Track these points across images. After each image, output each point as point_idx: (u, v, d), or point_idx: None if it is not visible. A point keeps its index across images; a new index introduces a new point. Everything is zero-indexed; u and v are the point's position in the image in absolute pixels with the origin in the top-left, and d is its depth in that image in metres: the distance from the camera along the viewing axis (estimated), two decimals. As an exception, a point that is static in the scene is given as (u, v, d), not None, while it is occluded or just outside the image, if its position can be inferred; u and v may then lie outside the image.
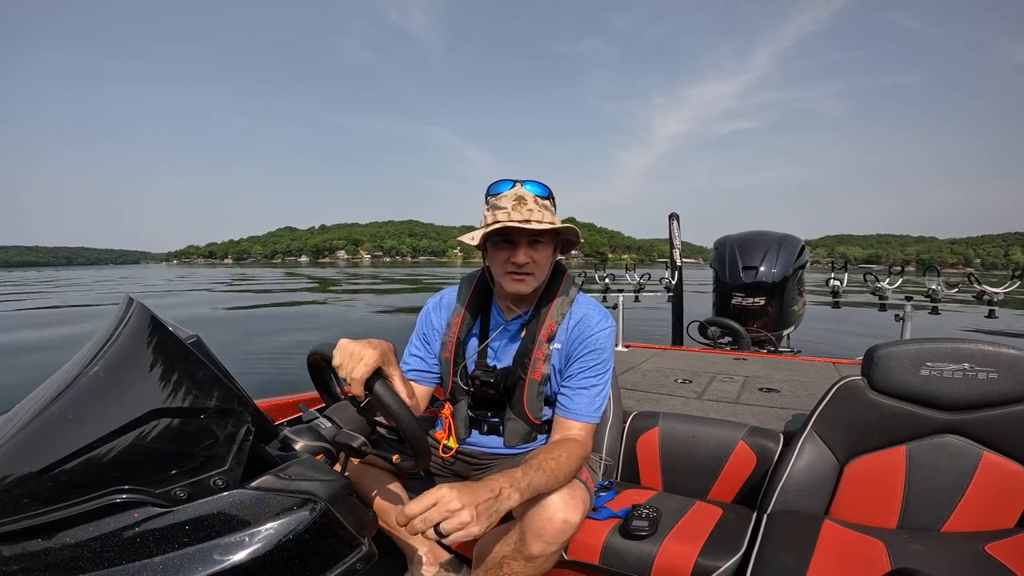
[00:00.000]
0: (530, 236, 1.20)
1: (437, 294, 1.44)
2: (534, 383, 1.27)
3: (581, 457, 1.17)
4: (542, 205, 1.20)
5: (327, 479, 0.75)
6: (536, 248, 1.21)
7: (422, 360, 1.39)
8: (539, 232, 1.18)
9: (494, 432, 1.35)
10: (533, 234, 1.19)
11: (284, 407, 1.64)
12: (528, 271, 1.21)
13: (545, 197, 1.22)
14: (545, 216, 1.19)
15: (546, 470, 1.05)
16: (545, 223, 1.17)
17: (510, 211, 1.18)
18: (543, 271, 1.24)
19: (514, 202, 1.18)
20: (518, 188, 1.21)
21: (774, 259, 4.16)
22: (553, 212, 1.24)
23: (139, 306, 0.81)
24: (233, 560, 0.62)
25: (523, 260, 1.19)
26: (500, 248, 1.22)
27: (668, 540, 1.21)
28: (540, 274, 1.24)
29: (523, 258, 1.19)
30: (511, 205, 1.18)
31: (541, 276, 1.24)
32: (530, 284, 1.23)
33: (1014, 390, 1.24)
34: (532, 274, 1.22)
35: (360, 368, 0.94)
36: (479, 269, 1.41)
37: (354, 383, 0.95)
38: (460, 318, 1.34)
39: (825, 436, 1.38)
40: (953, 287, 3.44)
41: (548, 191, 1.23)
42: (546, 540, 1.04)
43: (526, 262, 1.20)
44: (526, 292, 1.25)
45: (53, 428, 0.66)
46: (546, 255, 1.23)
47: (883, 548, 1.13)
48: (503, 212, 1.19)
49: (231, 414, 0.72)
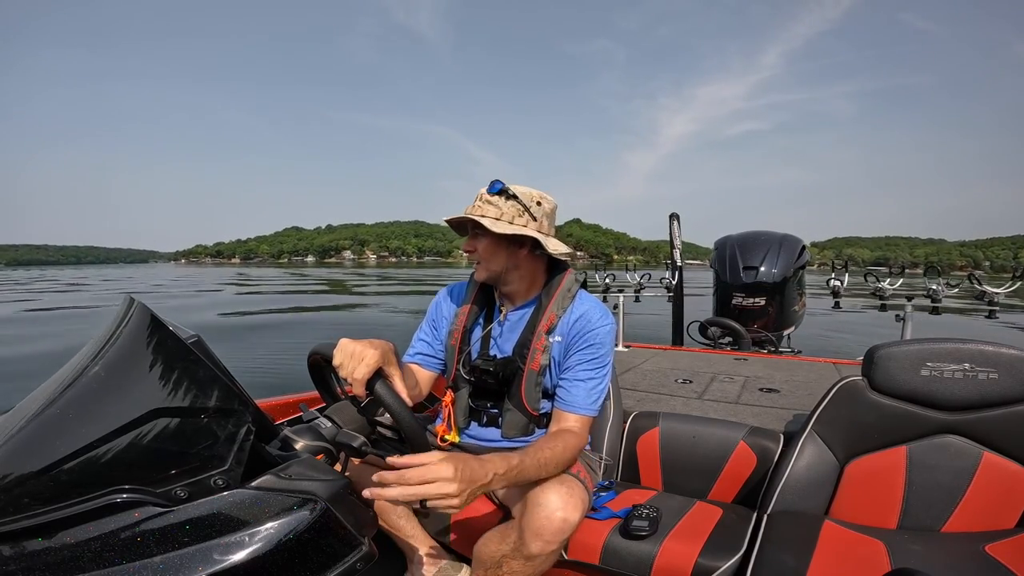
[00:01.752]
0: (472, 227, 1.30)
1: (448, 286, 1.51)
2: (532, 373, 1.29)
3: (576, 448, 1.18)
4: (486, 200, 1.27)
5: (327, 479, 0.75)
6: (476, 238, 1.29)
7: (429, 345, 1.44)
8: (476, 224, 1.27)
9: (492, 423, 1.36)
10: (474, 225, 1.28)
11: (284, 407, 1.64)
12: (474, 259, 1.31)
13: (495, 193, 1.27)
14: (487, 211, 1.25)
15: (538, 459, 1.07)
16: (475, 216, 1.25)
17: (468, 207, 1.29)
18: (491, 260, 1.30)
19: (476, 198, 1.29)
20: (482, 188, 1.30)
21: (774, 259, 4.16)
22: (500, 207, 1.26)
23: (139, 306, 0.81)
24: (233, 560, 0.62)
25: (466, 248, 1.31)
26: None
27: (668, 540, 1.21)
28: (489, 263, 1.30)
29: (466, 246, 1.31)
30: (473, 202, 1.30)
31: (492, 266, 1.30)
32: (480, 272, 1.31)
33: (1014, 390, 1.24)
34: (479, 262, 1.30)
35: (361, 368, 0.95)
36: None
37: (355, 383, 0.95)
38: (467, 308, 1.40)
39: (825, 436, 1.38)
40: (954, 287, 3.44)
41: (501, 188, 1.27)
42: (545, 539, 1.04)
43: (471, 250, 1.30)
44: (479, 279, 1.34)
45: (53, 428, 0.66)
46: (485, 244, 1.28)
47: (883, 548, 1.13)
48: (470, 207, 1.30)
49: (231, 414, 0.72)
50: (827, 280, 4.33)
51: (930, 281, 3.56)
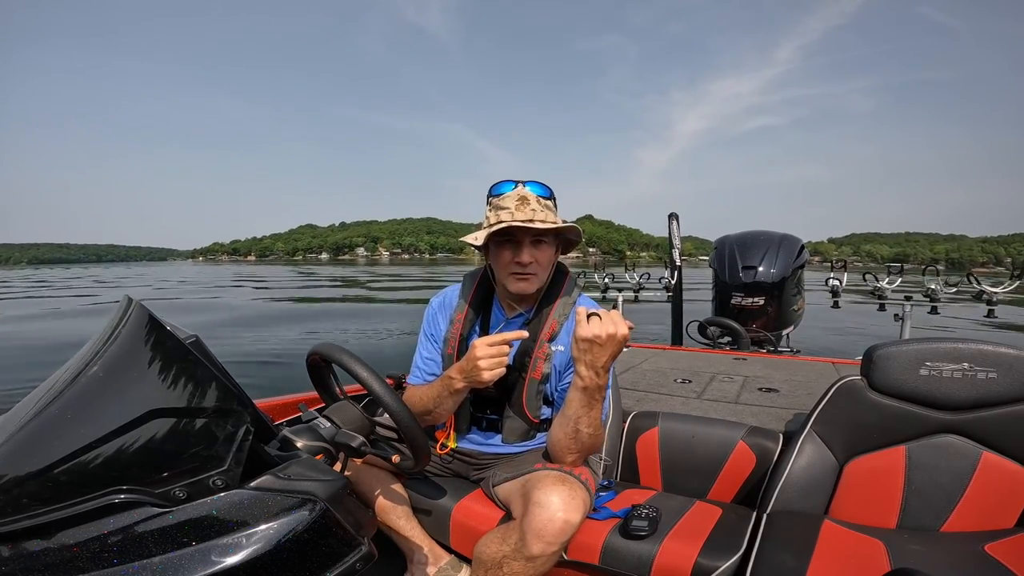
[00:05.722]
0: (534, 236, 1.21)
1: (440, 293, 1.45)
2: (534, 382, 1.28)
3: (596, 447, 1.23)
4: (544, 205, 1.21)
5: (327, 479, 0.75)
6: (539, 248, 1.22)
7: (435, 363, 1.38)
8: (542, 232, 1.19)
9: (493, 429, 1.35)
10: (537, 234, 1.20)
11: (283, 407, 1.64)
12: (532, 271, 1.23)
13: (547, 198, 1.23)
14: (548, 216, 1.21)
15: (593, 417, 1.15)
16: (548, 223, 1.18)
17: (513, 211, 1.19)
18: (546, 271, 1.26)
19: (517, 202, 1.19)
20: (521, 188, 1.22)
21: (773, 259, 4.17)
22: (555, 212, 1.24)
23: (138, 306, 0.81)
24: (232, 560, 0.62)
25: (527, 260, 1.21)
26: (504, 248, 1.23)
27: (668, 540, 1.20)
28: (543, 274, 1.25)
29: (527, 258, 1.21)
30: (514, 205, 1.19)
31: (544, 276, 1.26)
32: (533, 284, 1.24)
33: (1014, 390, 1.24)
34: (535, 274, 1.23)
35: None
36: (482, 266, 1.41)
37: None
38: (463, 315, 1.35)
39: (825, 436, 1.38)
40: (952, 286, 3.44)
41: (549, 192, 1.24)
42: (547, 540, 1.04)
43: (530, 262, 1.21)
44: (530, 292, 1.26)
45: (52, 428, 0.66)
46: (548, 255, 1.24)
47: (883, 548, 1.13)
48: (506, 212, 1.20)
49: (230, 414, 0.72)
50: (826, 279, 4.33)
51: (929, 280, 3.56)
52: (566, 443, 1.18)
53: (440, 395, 1.22)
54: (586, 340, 1.06)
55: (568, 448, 1.18)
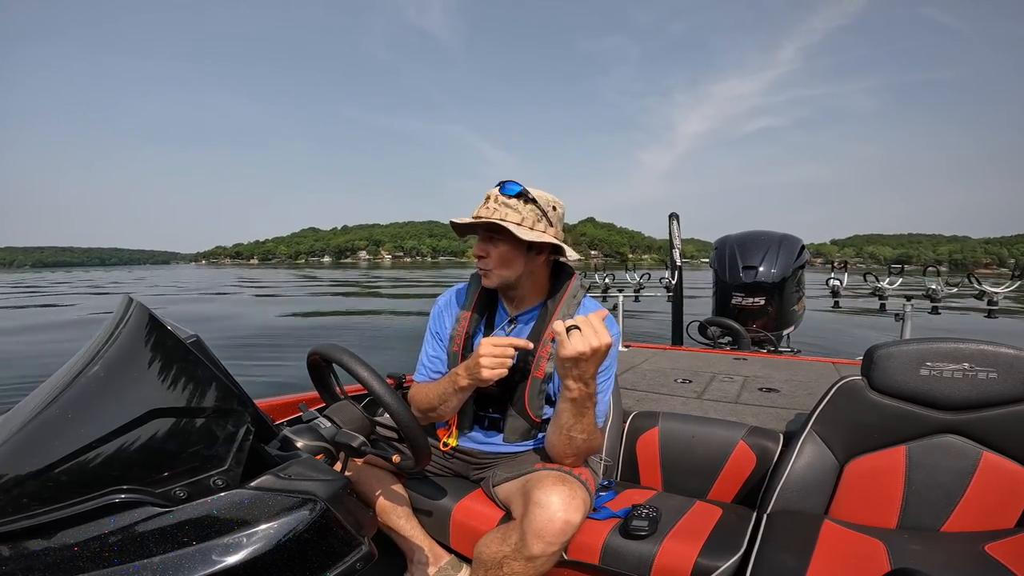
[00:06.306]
0: (484, 230, 1.25)
1: (446, 292, 1.46)
2: (536, 380, 1.28)
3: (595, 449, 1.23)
4: (503, 203, 1.21)
5: (327, 479, 0.75)
6: (492, 242, 1.24)
7: (441, 361, 1.40)
8: (490, 227, 1.22)
9: (494, 428, 1.36)
10: (486, 227, 1.24)
11: (284, 407, 1.64)
12: (485, 265, 1.26)
13: (512, 195, 1.22)
14: (508, 215, 1.20)
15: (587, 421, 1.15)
16: (494, 220, 1.19)
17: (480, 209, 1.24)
18: (505, 267, 1.25)
19: (483, 201, 1.25)
20: (491, 189, 1.26)
21: (774, 259, 4.17)
22: (520, 211, 1.22)
23: (138, 306, 0.81)
24: (233, 560, 0.62)
25: (478, 252, 1.26)
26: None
27: (668, 540, 1.20)
28: (501, 269, 1.25)
29: (478, 250, 1.26)
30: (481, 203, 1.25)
31: (504, 272, 1.25)
32: (491, 279, 1.27)
33: (1014, 390, 1.24)
34: (491, 268, 1.26)
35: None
36: None
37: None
38: (468, 313, 1.36)
39: (825, 436, 1.38)
40: (953, 287, 3.44)
41: (518, 191, 1.23)
42: (547, 540, 1.04)
43: (482, 255, 1.25)
44: (489, 286, 1.29)
45: (52, 428, 0.66)
46: (503, 250, 1.24)
47: (883, 548, 1.13)
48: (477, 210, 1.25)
49: (231, 414, 0.72)
50: (827, 280, 4.33)
51: (929, 280, 3.56)
52: (562, 448, 1.20)
53: (445, 392, 1.23)
54: (570, 359, 1.04)
55: (564, 453, 1.20)
